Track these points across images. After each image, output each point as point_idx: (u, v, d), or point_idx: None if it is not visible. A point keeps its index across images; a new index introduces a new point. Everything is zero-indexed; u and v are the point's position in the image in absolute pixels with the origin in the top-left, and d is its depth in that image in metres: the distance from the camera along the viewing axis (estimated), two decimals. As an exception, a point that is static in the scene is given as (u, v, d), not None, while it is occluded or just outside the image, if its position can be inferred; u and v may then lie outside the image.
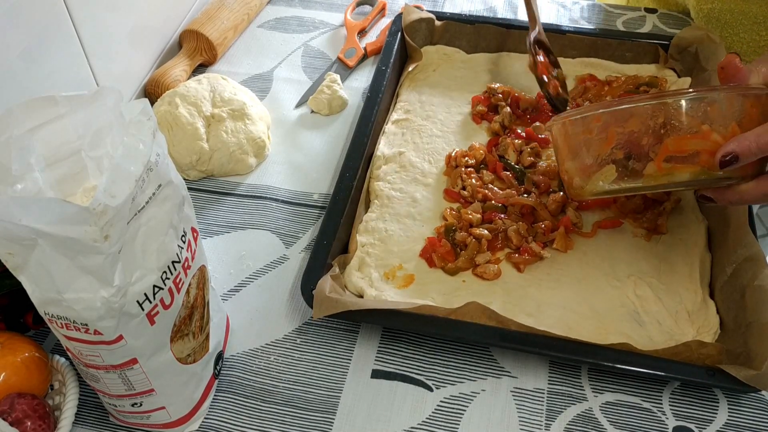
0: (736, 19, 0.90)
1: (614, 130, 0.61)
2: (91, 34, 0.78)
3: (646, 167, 0.60)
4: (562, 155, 0.67)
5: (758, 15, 0.89)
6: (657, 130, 0.59)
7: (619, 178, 0.62)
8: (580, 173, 0.64)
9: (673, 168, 0.60)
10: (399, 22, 0.93)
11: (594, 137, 0.62)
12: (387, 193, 0.78)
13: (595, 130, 0.62)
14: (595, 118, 0.62)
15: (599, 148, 0.62)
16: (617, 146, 0.61)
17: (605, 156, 0.62)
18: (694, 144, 0.59)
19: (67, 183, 0.53)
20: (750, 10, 0.89)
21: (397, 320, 0.65)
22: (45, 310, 0.49)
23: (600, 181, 0.63)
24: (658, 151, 0.59)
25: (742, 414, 0.63)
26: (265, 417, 0.64)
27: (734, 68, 0.61)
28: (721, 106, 0.58)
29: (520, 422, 0.63)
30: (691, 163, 0.59)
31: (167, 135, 0.81)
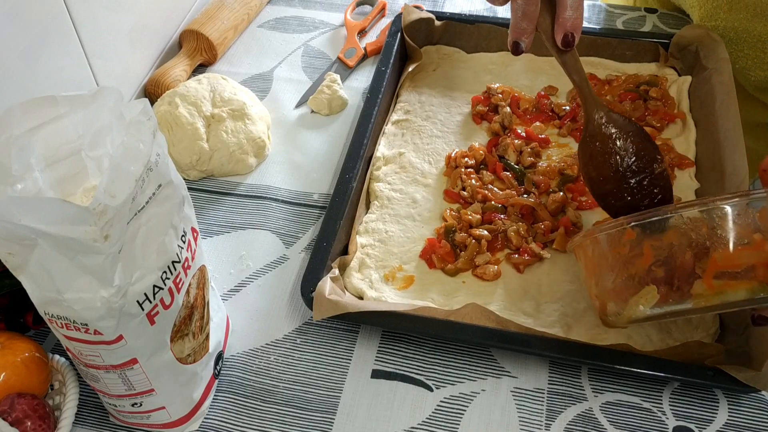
0: (740, 37, 0.90)
1: (650, 245, 0.54)
2: (91, 34, 0.78)
3: (693, 286, 0.52)
4: (591, 279, 0.59)
5: (762, 33, 0.89)
6: (701, 242, 0.52)
7: (663, 301, 0.54)
8: (614, 297, 0.57)
9: (725, 285, 0.52)
10: (399, 22, 0.93)
11: (627, 254, 0.55)
12: (387, 194, 0.78)
13: (628, 245, 0.55)
14: (627, 232, 0.54)
15: (635, 267, 0.54)
16: (656, 263, 0.53)
17: (643, 275, 0.54)
18: (748, 256, 0.51)
19: (67, 183, 0.53)
20: (754, 28, 0.88)
21: (397, 322, 0.65)
22: (45, 310, 0.49)
23: (640, 305, 0.54)
24: (705, 267, 0.52)
25: (742, 414, 0.63)
26: (265, 417, 0.64)
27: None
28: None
29: (520, 422, 0.63)
30: (747, 279, 0.51)
31: (167, 135, 0.81)
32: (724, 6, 0.90)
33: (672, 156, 0.80)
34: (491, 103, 0.87)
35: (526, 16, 0.62)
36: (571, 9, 0.61)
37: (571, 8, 0.61)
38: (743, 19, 0.89)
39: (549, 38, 0.64)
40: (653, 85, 0.87)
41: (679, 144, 0.82)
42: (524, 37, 0.63)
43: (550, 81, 0.91)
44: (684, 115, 0.85)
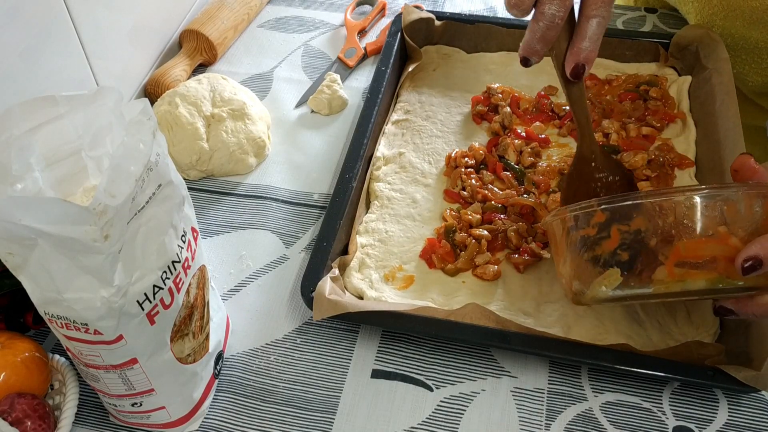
0: (737, 44, 0.90)
1: (618, 228, 0.54)
2: (91, 34, 0.78)
3: (655, 272, 0.53)
4: (559, 258, 0.60)
5: (759, 40, 0.89)
6: (667, 230, 0.52)
7: (625, 284, 0.55)
8: (579, 276, 0.58)
9: (686, 274, 0.53)
10: (399, 22, 0.93)
11: (594, 236, 0.56)
12: (387, 194, 0.78)
13: (597, 227, 0.55)
14: (596, 214, 0.55)
15: (601, 249, 0.55)
16: (622, 247, 0.54)
17: (608, 257, 0.55)
18: (711, 248, 0.52)
19: (67, 183, 0.53)
20: (751, 35, 0.89)
21: (397, 322, 0.65)
22: (45, 309, 0.49)
23: (603, 286, 0.56)
24: (668, 254, 0.53)
25: (742, 414, 0.63)
26: (265, 417, 0.64)
27: (750, 170, 0.55)
28: (739, 206, 0.52)
29: (520, 422, 0.63)
30: (708, 269, 0.52)
31: (167, 135, 0.81)
32: (720, 14, 0.90)
33: (672, 156, 0.80)
34: (491, 103, 0.87)
35: (543, 39, 0.61)
36: (589, 41, 0.61)
37: (589, 40, 0.61)
38: (740, 27, 0.89)
39: (560, 65, 0.63)
40: (653, 85, 0.87)
41: (679, 144, 0.82)
42: (536, 57, 0.63)
43: (550, 81, 0.91)
44: (684, 115, 0.85)
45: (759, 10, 0.86)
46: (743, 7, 0.87)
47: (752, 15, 0.87)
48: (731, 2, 0.88)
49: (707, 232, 0.52)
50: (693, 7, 0.94)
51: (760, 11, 0.86)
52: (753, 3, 0.86)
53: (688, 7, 0.95)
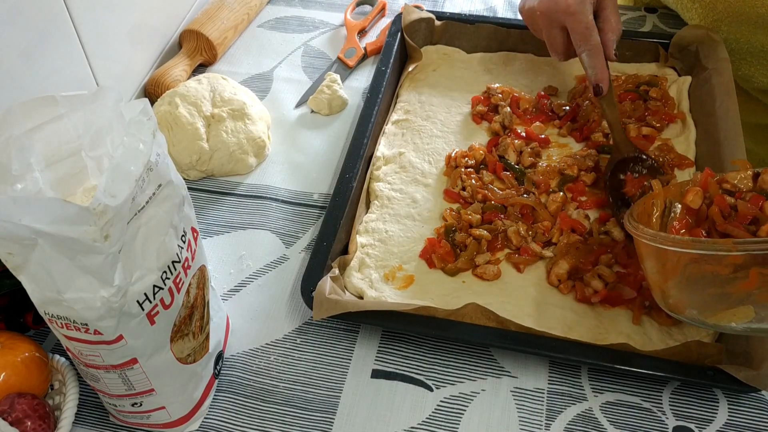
0: (743, 48, 0.90)
1: (759, 272, 0.52)
2: (91, 33, 0.78)
3: None
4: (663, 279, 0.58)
5: (765, 45, 0.89)
6: None
7: (757, 321, 0.53)
8: (696, 306, 0.56)
9: None
10: (399, 22, 0.93)
11: (727, 275, 0.53)
12: (387, 194, 0.78)
13: (731, 267, 0.53)
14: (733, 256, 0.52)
15: (734, 289, 0.53)
16: (761, 289, 0.52)
17: (742, 296, 0.53)
18: None
19: (67, 183, 0.53)
20: (757, 39, 0.89)
21: (397, 322, 0.65)
22: (45, 309, 0.49)
23: (732, 322, 0.54)
24: None
25: (742, 414, 0.63)
26: (265, 417, 0.64)
27: None
28: None
29: (520, 422, 0.63)
30: None
31: (167, 135, 0.81)
32: (725, 19, 0.90)
33: (672, 156, 0.79)
34: (491, 103, 0.87)
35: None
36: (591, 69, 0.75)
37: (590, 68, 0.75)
38: (745, 31, 0.89)
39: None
40: (653, 85, 0.87)
41: (679, 144, 0.82)
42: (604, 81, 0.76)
43: (550, 81, 0.91)
44: (684, 116, 0.85)
45: (765, 15, 0.86)
46: (749, 13, 0.87)
47: (758, 20, 0.87)
48: (736, 8, 0.88)
49: None
50: (696, 13, 0.94)
51: (766, 16, 0.86)
52: (760, 10, 0.86)
53: (691, 13, 0.95)
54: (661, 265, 0.58)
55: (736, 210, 0.58)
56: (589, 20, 0.74)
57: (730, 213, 0.58)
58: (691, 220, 0.59)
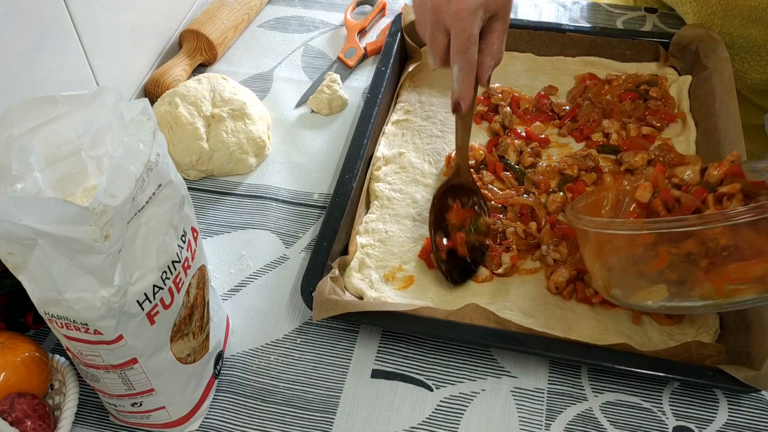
0: (736, 42, 0.90)
1: (667, 251, 0.54)
2: (91, 33, 0.78)
3: (703, 289, 0.54)
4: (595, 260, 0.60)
5: (758, 38, 0.89)
6: (718, 252, 0.52)
7: (672, 299, 0.55)
8: (621, 286, 0.58)
9: (735, 290, 0.53)
10: (399, 22, 0.93)
11: (641, 254, 0.55)
12: (387, 194, 0.78)
13: (642, 247, 0.55)
14: (645, 236, 0.55)
15: (647, 267, 0.55)
16: (670, 267, 0.54)
17: (655, 275, 0.55)
18: (761, 268, 0.52)
19: (67, 183, 0.53)
20: (750, 33, 0.89)
21: (397, 322, 0.65)
22: (45, 309, 0.49)
23: (648, 300, 0.56)
24: (719, 274, 0.53)
25: (742, 414, 0.63)
26: (265, 417, 0.64)
27: None
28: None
29: (520, 422, 0.63)
30: (757, 284, 0.53)
31: (167, 135, 0.81)
32: (718, 12, 0.90)
33: (672, 156, 0.79)
34: (491, 103, 0.87)
35: None
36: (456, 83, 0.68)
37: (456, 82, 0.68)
38: (738, 25, 0.89)
39: None
40: (653, 85, 0.87)
41: (679, 144, 0.82)
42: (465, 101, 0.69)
43: (550, 81, 0.91)
44: (684, 115, 0.85)
45: (758, 9, 0.86)
46: (742, 6, 0.87)
47: (751, 14, 0.87)
48: (730, 1, 0.88)
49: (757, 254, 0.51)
50: (691, 7, 0.94)
51: (759, 10, 0.86)
52: (752, 2, 0.86)
53: (685, 7, 0.95)
54: (589, 248, 0.60)
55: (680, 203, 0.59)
56: (473, 33, 0.67)
57: (674, 205, 0.59)
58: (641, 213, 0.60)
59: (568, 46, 0.93)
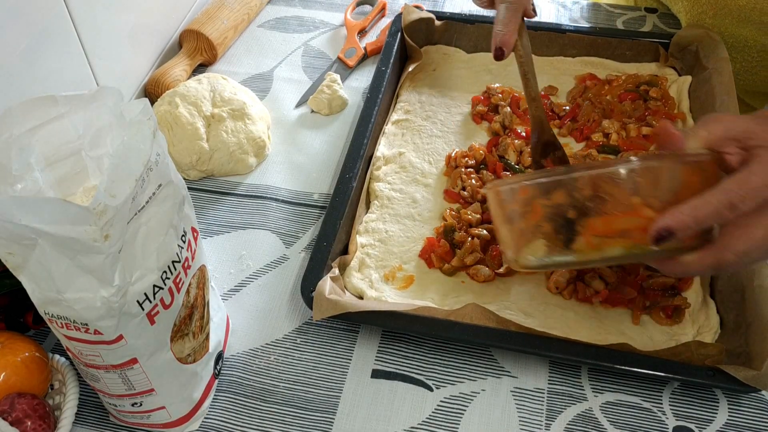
0: (727, 42, 0.91)
1: (539, 203, 0.55)
2: (91, 34, 0.78)
3: (575, 242, 0.55)
4: (495, 222, 0.61)
5: (748, 38, 0.89)
6: (584, 203, 0.54)
7: (549, 253, 0.56)
8: (510, 245, 0.59)
9: (603, 243, 0.54)
10: (399, 22, 0.93)
11: (521, 209, 0.57)
12: (387, 194, 0.78)
13: (521, 202, 0.57)
14: (521, 189, 0.57)
15: (525, 222, 0.57)
16: (544, 220, 0.56)
17: (532, 230, 0.56)
18: (625, 221, 0.53)
19: (67, 183, 0.53)
20: (740, 33, 0.89)
21: (397, 322, 0.65)
22: (45, 309, 0.49)
23: (529, 255, 0.57)
24: (586, 227, 0.54)
25: (742, 414, 0.63)
26: (265, 417, 0.64)
27: (667, 135, 0.56)
28: (653, 176, 0.53)
29: (520, 422, 0.63)
30: (624, 238, 0.54)
31: (167, 135, 0.81)
32: (709, 12, 0.90)
33: (672, 156, 0.79)
34: (491, 103, 0.87)
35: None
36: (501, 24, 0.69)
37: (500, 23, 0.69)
38: (729, 25, 0.89)
39: None
40: (653, 85, 0.87)
41: (679, 144, 0.82)
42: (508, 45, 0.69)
43: (550, 81, 0.91)
44: (684, 115, 0.85)
45: (746, 8, 0.86)
46: (731, 5, 0.87)
47: (740, 13, 0.87)
48: (719, 2, 0.88)
49: (619, 206, 0.53)
50: (683, 6, 0.94)
51: (747, 9, 0.86)
52: (740, 2, 0.86)
53: (678, 6, 0.96)
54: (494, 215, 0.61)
55: None
56: None
57: None
58: None
59: (568, 46, 0.93)
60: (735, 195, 0.51)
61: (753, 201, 0.51)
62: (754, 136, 0.54)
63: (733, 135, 0.55)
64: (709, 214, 0.51)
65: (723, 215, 0.51)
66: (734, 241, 0.53)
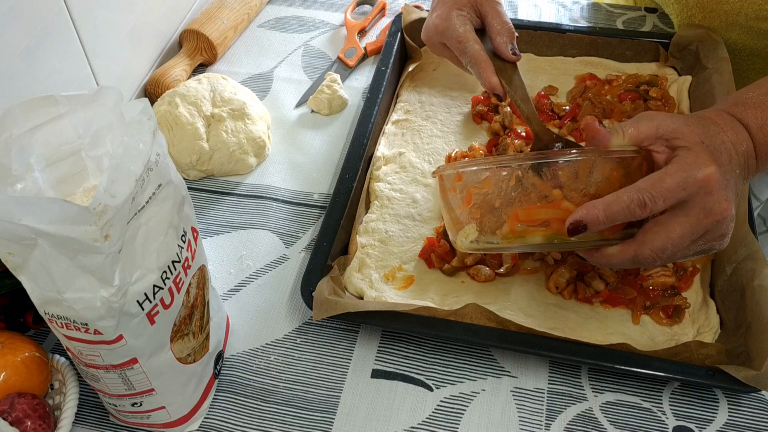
0: None
1: (471, 190, 0.59)
2: (91, 34, 0.78)
3: (501, 228, 0.58)
4: (442, 207, 0.65)
5: (737, 42, 0.90)
6: (509, 192, 0.57)
7: (479, 238, 0.60)
8: (450, 227, 0.63)
9: (525, 231, 0.58)
10: (399, 22, 0.93)
11: (457, 195, 0.61)
12: (387, 194, 0.78)
13: (458, 187, 0.61)
14: (456, 176, 0.61)
15: (460, 207, 0.61)
16: (474, 206, 0.59)
17: (465, 215, 0.60)
18: (544, 212, 0.57)
19: (67, 183, 0.53)
20: (729, 37, 0.89)
21: (397, 322, 0.65)
22: (45, 309, 0.49)
23: (463, 238, 0.61)
24: (509, 215, 0.58)
25: (742, 414, 0.63)
26: (265, 417, 0.64)
27: (593, 130, 0.58)
28: (574, 170, 0.56)
29: (520, 422, 0.63)
30: (543, 227, 0.57)
31: (167, 135, 0.81)
32: (698, 15, 0.91)
33: (672, 156, 0.79)
34: (491, 103, 0.87)
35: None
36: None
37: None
38: (717, 28, 0.90)
39: None
40: (653, 85, 0.87)
41: (679, 144, 0.82)
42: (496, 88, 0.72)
43: (550, 81, 0.91)
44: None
45: (732, 12, 0.87)
46: (718, 9, 0.88)
47: (727, 17, 0.88)
48: (707, 5, 0.89)
49: (542, 193, 0.56)
50: (673, 8, 0.95)
51: (734, 13, 0.87)
52: (726, 6, 0.87)
53: (669, 8, 0.96)
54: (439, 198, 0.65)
55: None
56: (459, 33, 0.72)
57: None
58: None
59: (568, 46, 0.93)
60: (647, 194, 0.53)
61: (664, 201, 0.53)
62: (680, 135, 0.56)
63: (662, 133, 0.57)
64: (620, 210, 0.54)
65: (634, 213, 0.54)
66: (652, 237, 0.55)
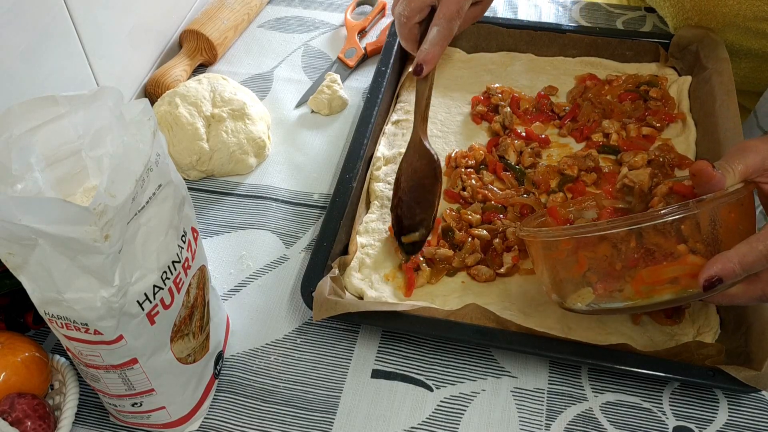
0: None
1: (584, 255, 0.57)
2: (91, 34, 0.78)
3: (623, 291, 0.56)
4: (536, 264, 0.63)
5: (734, 43, 0.90)
6: (629, 255, 0.55)
7: (597, 300, 0.58)
8: (555, 290, 0.61)
9: (652, 291, 0.56)
10: (399, 22, 0.93)
11: (565, 259, 0.58)
12: (387, 194, 0.78)
13: (565, 252, 0.58)
14: (563, 241, 0.58)
15: (572, 271, 0.58)
16: (590, 270, 0.57)
17: (578, 279, 0.58)
18: (671, 271, 0.55)
19: (67, 183, 0.53)
20: (726, 38, 0.90)
21: (397, 322, 0.65)
22: (45, 309, 0.49)
23: (578, 302, 0.59)
24: (634, 276, 0.55)
25: (742, 414, 0.63)
26: (265, 417, 0.64)
27: (707, 175, 0.56)
28: (695, 221, 0.54)
29: (520, 422, 0.63)
30: (672, 284, 0.55)
31: (167, 135, 0.81)
32: (694, 17, 0.91)
33: (672, 156, 0.79)
34: (491, 103, 0.87)
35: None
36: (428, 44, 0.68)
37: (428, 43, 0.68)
38: (714, 29, 0.89)
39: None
40: (653, 85, 0.87)
41: (679, 144, 0.82)
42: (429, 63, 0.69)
43: (550, 81, 0.91)
44: (684, 116, 0.85)
45: (730, 14, 0.87)
46: (714, 11, 0.88)
47: (724, 19, 0.88)
48: (703, 7, 0.89)
49: (666, 256, 0.54)
50: (669, 11, 0.95)
51: (731, 15, 0.87)
52: (723, 8, 0.87)
53: (665, 11, 0.96)
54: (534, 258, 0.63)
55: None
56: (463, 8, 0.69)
57: None
58: None
59: (568, 46, 0.93)
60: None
61: None
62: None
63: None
64: (756, 261, 0.53)
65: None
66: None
